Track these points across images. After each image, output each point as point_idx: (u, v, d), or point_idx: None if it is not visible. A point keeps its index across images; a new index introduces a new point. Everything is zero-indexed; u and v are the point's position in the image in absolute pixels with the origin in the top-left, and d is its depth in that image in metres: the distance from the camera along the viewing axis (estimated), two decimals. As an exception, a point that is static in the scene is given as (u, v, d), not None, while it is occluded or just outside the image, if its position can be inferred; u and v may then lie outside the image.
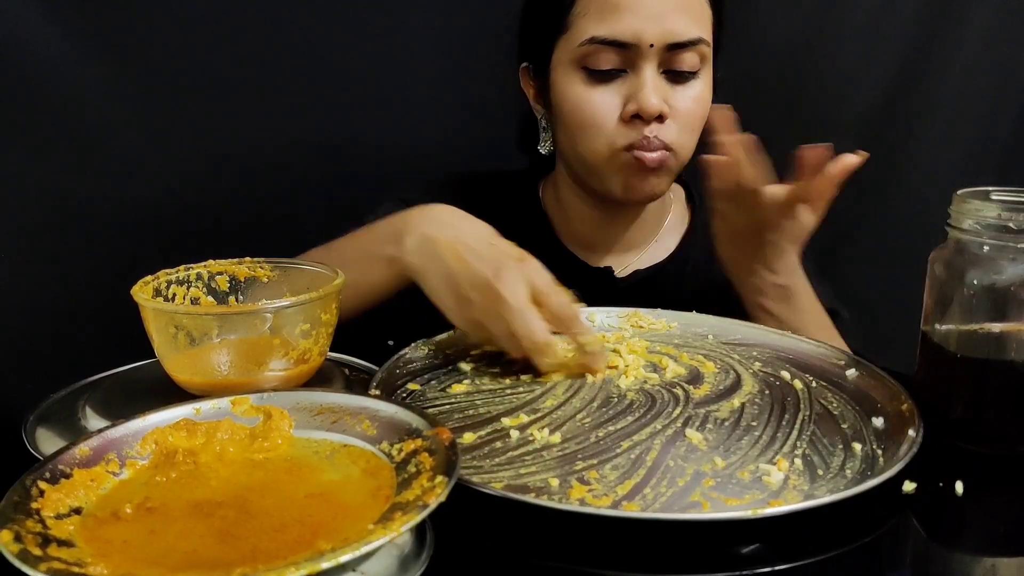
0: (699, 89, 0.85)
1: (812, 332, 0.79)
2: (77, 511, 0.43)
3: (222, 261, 0.69)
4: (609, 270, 0.96)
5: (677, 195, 1.01)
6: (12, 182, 1.01)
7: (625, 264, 0.97)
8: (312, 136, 1.13)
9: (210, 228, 1.09)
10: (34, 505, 0.42)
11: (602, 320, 0.81)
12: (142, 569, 0.39)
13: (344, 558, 0.37)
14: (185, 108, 1.07)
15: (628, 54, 0.82)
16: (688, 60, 0.83)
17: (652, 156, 0.83)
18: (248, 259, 0.69)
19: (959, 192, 0.62)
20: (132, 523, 0.43)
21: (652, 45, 0.80)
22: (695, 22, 0.82)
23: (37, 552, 0.38)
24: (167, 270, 0.66)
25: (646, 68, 0.82)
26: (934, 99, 1.24)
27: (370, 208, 1.01)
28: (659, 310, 0.82)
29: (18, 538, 0.39)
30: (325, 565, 0.36)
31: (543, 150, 0.94)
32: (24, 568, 0.36)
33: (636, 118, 0.82)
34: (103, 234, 1.05)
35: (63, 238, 1.04)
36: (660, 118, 0.83)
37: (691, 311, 0.82)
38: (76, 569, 0.37)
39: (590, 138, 0.85)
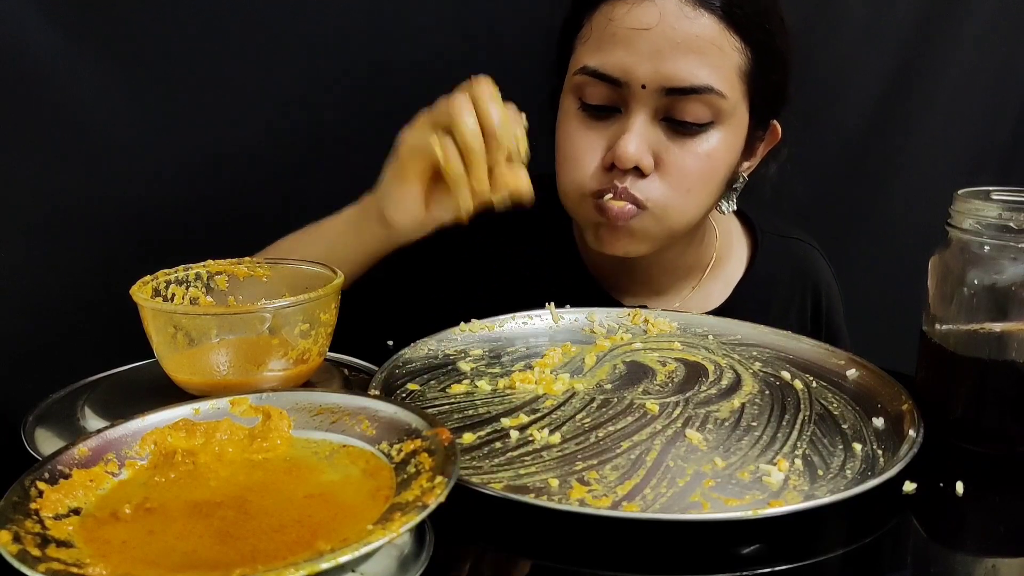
0: (708, 146, 0.74)
1: None
2: (76, 511, 0.43)
3: (221, 261, 0.69)
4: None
5: (725, 233, 0.90)
6: (11, 182, 1.01)
7: (664, 307, 0.88)
8: (312, 136, 1.13)
9: (209, 228, 1.09)
10: (33, 506, 0.42)
11: (602, 320, 0.81)
12: (141, 570, 0.39)
13: (343, 559, 0.37)
14: (184, 108, 1.07)
15: (620, 92, 0.73)
16: (692, 111, 0.72)
17: (615, 208, 0.75)
18: (247, 259, 0.69)
19: (959, 192, 0.62)
20: (131, 524, 0.43)
21: (644, 87, 0.71)
22: (706, 67, 0.71)
23: (36, 553, 0.38)
24: (166, 270, 0.66)
25: (637, 112, 0.73)
26: (934, 99, 1.24)
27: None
28: (659, 310, 0.82)
29: (17, 539, 0.38)
30: (324, 566, 0.36)
31: None
32: (23, 569, 0.36)
33: (614, 166, 0.75)
34: (102, 234, 1.05)
35: (62, 238, 1.04)
36: (640, 171, 0.74)
37: None
38: (75, 570, 0.37)
39: (566, 175, 0.78)
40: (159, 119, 1.06)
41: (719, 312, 0.86)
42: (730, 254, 0.91)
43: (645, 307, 0.86)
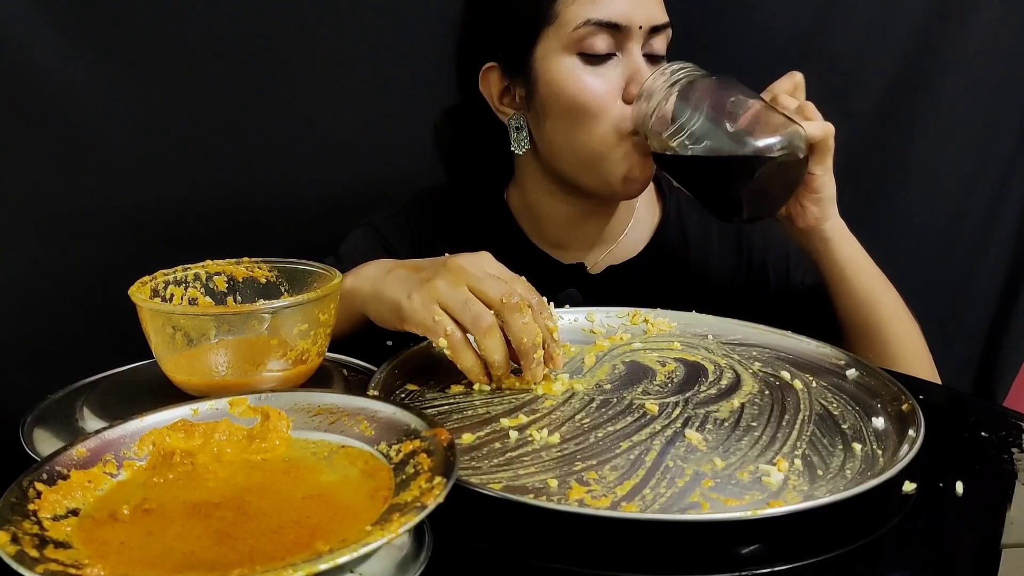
0: None
1: (873, 267, 0.86)
2: (74, 512, 0.43)
3: (220, 261, 0.68)
4: (581, 266, 0.96)
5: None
6: (11, 183, 1.01)
7: (597, 258, 0.97)
8: (310, 136, 1.13)
9: (208, 228, 1.09)
10: (31, 507, 0.42)
11: (601, 320, 0.81)
12: (140, 570, 0.39)
13: (342, 559, 0.37)
14: (183, 109, 1.07)
15: (620, 36, 0.84)
16: (661, 44, 0.87)
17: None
18: (246, 259, 0.69)
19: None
20: (130, 524, 0.43)
21: (641, 27, 0.83)
22: (664, 7, 0.86)
23: (34, 554, 0.38)
24: (165, 270, 0.66)
25: (635, 50, 0.84)
26: (937, 104, 1.24)
27: (365, 209, 1.01)
28: (659, 310, 0.82)
29: (15, 540, 0.38)
30: (323, 567, 0.36)
31: (519, 151, 0.92)
32: (21, 570, 0.36)
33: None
34: (101, 235, 1.05)
35: (61, 239, 1.04)
36: None
37: (668, 300, 0.83)
38: (73, 571, 0.37)
39: (596, 123, 0.84)
40: (158, 121, 1.06)
41: (644, 255, 0.97)
42: (648, 206, 1.01)
43: (583, 264, 0.96)
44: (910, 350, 0.84)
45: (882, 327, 0.84)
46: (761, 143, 0.73)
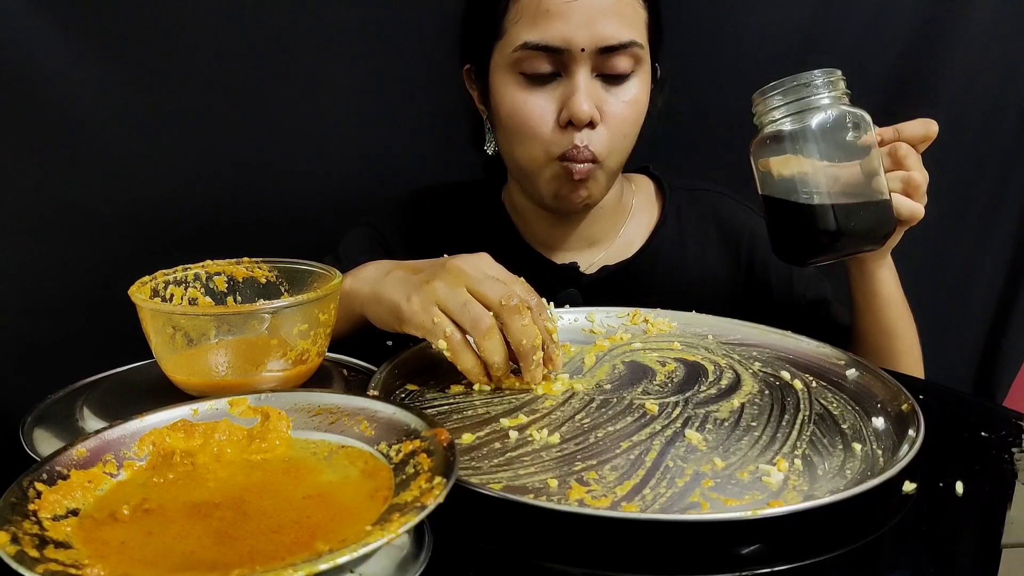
0: (633, 92, 0.84)
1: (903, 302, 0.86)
2: (74, 512, 0.43)
3: (220, 261, 0.69)
4: (574, 266, 0.95)
5: (640, 187, 1.02)
6: (11, 182, 1.01)
7: (592, 260, 0.97)
8: (310, 136, 1.13)
9: (208, 229, 1.09)
10: (31, 507, 0.42)
11: (601, 320, 0.81)
12: (140, 570, 0.39)
13: (342, 560, 0.37)
14: (183, 109, 1.07)
15: (561, 59, 0.81)
16: (621, 63, 0.82)
17: (580, 168, 0.83)
18: (246, 259, 0.69)
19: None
20: (130, 524, 0.43)
21: (583, 49, 0.80)
22: (627, 25, 0.82)
23: (34, 554, 0.38)
24: (165, 271, 0.66)
25: (579, 73, 0.81)
26: (935, 100, 1.24)
27: (359, 213, 1.01)
28: (659, 310, 0.82)
29: (15, 540, 0.38)
30: (323, 567, 0.36)
31: (489, 151, 0.93)
32: (21, 570, 0.36)
33: (570, 124, 0.82)
34: (101, 235, 1.05)
35: (61, 239, 1.04)
36: (591, 124, 0.82)
37: (662, 303, 0.83)
38: (73, 571, 0.37)
39: (527, 143, 0.85)
40: (159, 120, 1.06)
41: (639, 256, 0.96)
42: (645, 207, 1.01)
43: (575, 264, 0.95)
44: (909, 372, 0.86)
45: (894, 355, 0.86)
46: (848, 226, 0.67)
